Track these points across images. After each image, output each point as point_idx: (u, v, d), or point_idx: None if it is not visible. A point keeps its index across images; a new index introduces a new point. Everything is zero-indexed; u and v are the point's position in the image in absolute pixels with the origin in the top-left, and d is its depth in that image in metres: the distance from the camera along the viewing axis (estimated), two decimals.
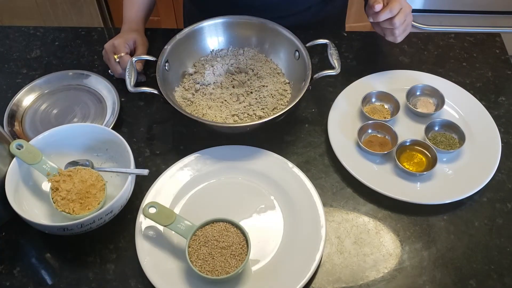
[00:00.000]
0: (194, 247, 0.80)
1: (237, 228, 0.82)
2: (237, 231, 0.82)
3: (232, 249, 0.80)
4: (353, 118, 1.02)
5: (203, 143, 0.97)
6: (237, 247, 0.80)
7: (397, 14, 0.97)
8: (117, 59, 1.04)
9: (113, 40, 1.06)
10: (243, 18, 1.08)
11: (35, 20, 2.12)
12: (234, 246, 0.80)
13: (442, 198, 0.90)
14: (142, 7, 1.16)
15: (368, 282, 0.82)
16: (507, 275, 0.82)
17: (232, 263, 0.79)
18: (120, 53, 1.04)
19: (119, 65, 1.05)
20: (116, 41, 1.05)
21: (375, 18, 0.99)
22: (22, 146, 0.86)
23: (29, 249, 0.86)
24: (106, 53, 1.06)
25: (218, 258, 0.79)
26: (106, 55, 1.07)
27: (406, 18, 0.99)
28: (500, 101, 1.08)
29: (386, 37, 1.04)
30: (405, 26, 1.01)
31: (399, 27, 0.99)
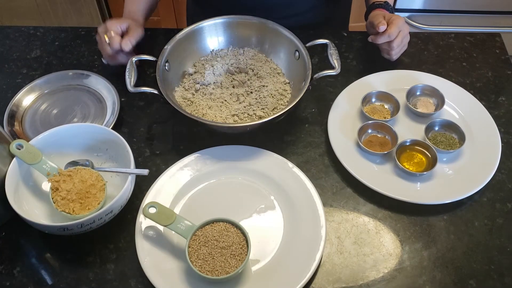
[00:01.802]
0: (194, 247, 0.80)
1: (237, 228, 0.82)
2: (237, 231, 0.82)
3: (232, 249, 0.80)
4: (353, 118, 1.02)
5: (203, 143, 0.97)
6: (237, 247, 0.80)
7: (395, 38, 1.02)
8: (107, 39, 1.01)
9: (106, 22, 1.04)
10: (243, 18, 1.08)
11: (35, 20, 2.12)
12: (234, 246, 0.80)
13: (442, 198, 0.90)
14: (143, 1, 1.14)
15: (368, 282, 0.82)
16: (507, 275, 0.82)
17: (232, 263, 0.79)
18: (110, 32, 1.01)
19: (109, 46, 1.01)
20: (108, 22, 1.03)
21: (375, 40, 1.04)
22: (22, 146, 0.86)
23: (29, 249, 0.86)
24: (98, 34, 1.04)
25: (218, 258, 0.79)
26: (98, 37, 1.04)
27: (403, 40, 1.04)
28: (500, 101, 1.08)
29: (382, 54, 1.09)
30: (401, 47, 1.07)
31: (395, 49, 1.05)
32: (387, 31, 1.01)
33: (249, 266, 0.83)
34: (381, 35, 1.01)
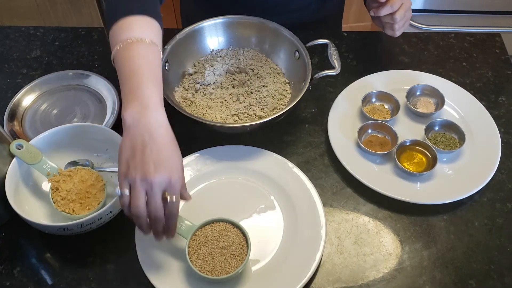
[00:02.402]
0: (194, 247, 0.80)
1: (237, 228, 0.82)
2: (237, 231, 0.82)
3: (232, 249, 0.80)
4: (353, 118, 1.02)
5: (203, 143, 0.97)
6: (237, 247, 0.80)
7: (398, 9, 0.99)
8: (169, 201, 0.71)
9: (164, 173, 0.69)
10: (243, 18, 1.08)
11: (35, 20, 2.11)
12: (234, 246, 0.80)
13: (442, 198, 0.90)
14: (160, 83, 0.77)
15: (368, 282, 0.82)
16: (507, 275, 0.82)
17: (232, 263, 0.79)
18: (174, 195, 0.71)
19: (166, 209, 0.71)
20: (174, 178, 0.70)
21: (376, 13, 1.00)
22: (22, 146, 0.86)
23: (29, 249, 0.86)
24: (150, 186, 0.68)
25: (218, 258, 0.79)
26: (146, 186, 0.68)
27: (406, 13, 1.01)
28: (500, 101, 1.08)
29: (385, 31, 1.05)
30: (404, 21, 1.02)
31: (399, 22, 1.01)
32: (389, 1, 0.98)
33: (249, 266, 0.83)
34: (383, 6, 0.98)
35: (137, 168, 0.68)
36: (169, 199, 0.70)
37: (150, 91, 0.71)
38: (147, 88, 0.71)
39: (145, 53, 0.75)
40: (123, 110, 0.70)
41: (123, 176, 0.69)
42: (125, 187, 0.69)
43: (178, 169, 0.71)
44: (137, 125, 0.69)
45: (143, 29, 0.77)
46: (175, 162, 0.71)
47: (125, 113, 0.69)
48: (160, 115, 0.71)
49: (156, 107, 0.71)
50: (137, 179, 0.68)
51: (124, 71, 0.74)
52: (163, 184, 0.69)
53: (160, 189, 0.68)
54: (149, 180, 0.67)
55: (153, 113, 0.70)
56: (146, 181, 0.67)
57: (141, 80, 0.72)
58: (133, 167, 0.68)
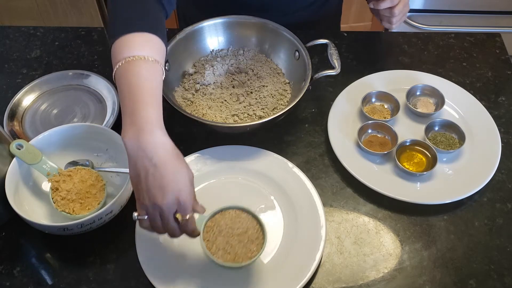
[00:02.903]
0: (210, 239, 0.77)
1: (247, 213, 0.80)
2: (248, 216, 0.80)
3: (249, 234, 0.78)
4: (353, 118, 1.02)
5: (203, 143, 0.97)
6: (253, 232, 0.78)
7: (397, 3, 1.01)
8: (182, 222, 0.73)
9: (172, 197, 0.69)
10: (243, 18, 1.08)
11: (35, 20, 2.11)
12: (250, 231, 0.78)
13: (442, 198, 0.90)
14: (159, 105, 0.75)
15: (368, 282, 0.82)
16: (507, 275, 0.82)
17: (252, 248, 0.77)
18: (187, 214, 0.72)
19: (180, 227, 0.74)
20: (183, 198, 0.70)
21: (376, 5, 1.01)
22: (22, 146, 0.86)
23: (29, 249, 0.86)
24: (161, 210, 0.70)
25: (237, 245, 0.77)
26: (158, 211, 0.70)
27: (404, 8, 1.03)
28: (500, 101, 1.08)
29: (382, 23, 1.07)
30: (402, 15, 1.04)
31: (397, 16, 1.03)
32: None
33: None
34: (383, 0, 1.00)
35: (145, 196, 0.70)
36: (180, 219, 0.72)
37: (146, 113, 0.70)
38: (144, 110, 0.70)
39: (145, 72, 0.74)
40: (122, 135, 0.70)
41: (140, 205, 0.72)
42: (141, 211, 0.72)
43: (186, 185, 0.71)
44: (136, 150, 0.69)
45: (144, 47, 0.76)
46: (181, 180, 0.70)
47: (124, 139, 0.69)
48: (158, 136, 0.70)
49: (152, 129, 0.69)
50: (148, 205, 0.70)
51: (123, 91, 0.74)
52: (173, 207, 0.70)
53: (170, 212, 0.70)
54: (158, 205, 0.69)
55: (148, 137, 0.69)
56: (156, 206, 0.69)
57: (138, 101, 0.71)
58: (142, 194, 0.70)
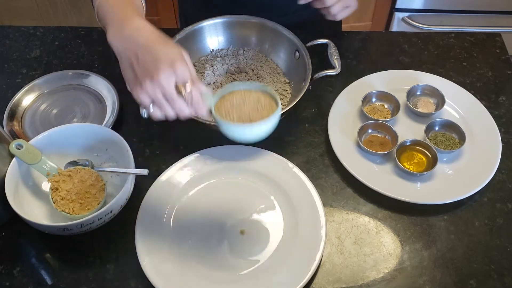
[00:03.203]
0: (223, 115, 0.74)
1: (257, 90, 0.79)
2: (257, 91, 0.79)
3: (262, 103, 0.76)
4: (353, 118, 1.02)
5: (203, 143, 0.97)
6: (265, 101, 0.77)
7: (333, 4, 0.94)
8: (184, 93, 0.71)
9: (167, 68, 0.67)
10: (243, 18, 1.07)
11: (35, 20, 2.11)
12: (262, 100, 0.77)
13: (442, 198, 0.90)
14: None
15: (368, 282, 0.82)
16: (507, 275, 0.82)
17: (266, 114, 0.75)
18: (186, 81, 0.71)
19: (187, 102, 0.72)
20: (178, 66, 0.68)
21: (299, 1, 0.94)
22: (21, 146, 0.86)
23: (29, 249, 0.86)
24: (160, 86, 0.68)
25: (251, 112, 0.75)
26: (159, 89, 0.69)
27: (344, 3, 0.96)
28: (500, 101, 1.07)
29: (327, 17, 1.00)
30: (342, 3, 0.96)
31: (334, 6, 0.95)
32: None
33: (249, 266, 0.82)
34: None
35: (143, 78, 0.68)
36: (183, 90, 0.69)
37: (123, 10, 0.73)
38: (121, 12, 0.73)
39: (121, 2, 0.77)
40: (107, 39, 0.71)
41: (140, 95, 0.69)
42: (147, 103, 0.70)
43: (179, 55, 0.69)
44: (122, 43, 0.69)
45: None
46: (172, 51, 0.69)
47: (108, 38, 0.71)
48: (139, 21, 0.71)
49: (130, 19, 0.71)
50: (148, 87, 0.67)
51: (102, 12, 0.77)
52: (171, 77, 0.67)
53: (170, 85, 0.68)
54: (156, 80, 0.67)
55: (129, 25, 0.70)
56: (154, 83, 0.67)
57: (116, 9, 0.75)
58: (139, 80, 0.68)
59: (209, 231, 0.86)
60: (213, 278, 0.81)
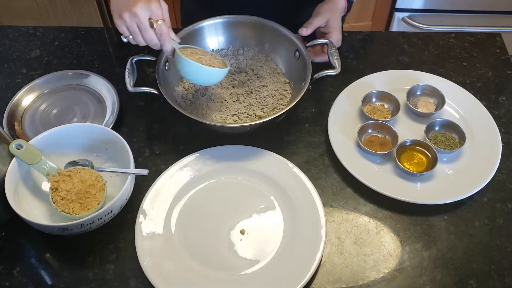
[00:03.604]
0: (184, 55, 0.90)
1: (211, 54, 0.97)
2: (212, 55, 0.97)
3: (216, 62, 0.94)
4: (353, 118, 1.02)
5: (203, 143, 0.97)
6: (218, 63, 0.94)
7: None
8: (156, 26, 0.85)
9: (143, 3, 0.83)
10: (243, 18, 1.07)
11: (35, 20, 2.11)
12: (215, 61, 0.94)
13: (442, 198, 0.90)
14: None
15: (368, 282, 0.82)
16: (508, 275, 0.82)
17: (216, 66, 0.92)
18: (158, 19, 0.85)
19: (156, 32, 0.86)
20: (153, 5, 0.84)
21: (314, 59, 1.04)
22: (21, 146, 0.86)
23: (29, 249, 0.86)
24: (136, 17, 0.83)
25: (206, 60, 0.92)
26: (134, 19, 0.83)
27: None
28: (500, 101, 1.07)
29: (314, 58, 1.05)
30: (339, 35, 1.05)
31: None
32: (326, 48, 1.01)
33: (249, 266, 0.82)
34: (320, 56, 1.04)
35: (124, 10, 0.83)
36: (155, 24, 0.85)
37: None
38: None
39: None
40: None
41: (120, 24, 0.85)
42: (124, 31, 0.86)
43: (155, 2, 0.84)
44: None
45: None
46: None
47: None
48: None
49: None
50: (126, 17, 0.83)
51: None
52: (146, 12, 0.83)
53: (144, 17, 0.83)
54: (133, 11, 0.82)
55: None
56: (131, 14, 0.82)
57: None
58: (121, 12, 0.83)
59: (209, 231, 0.86)
60: (213, 278, 0.81)
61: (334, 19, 1.02)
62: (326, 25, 1.02)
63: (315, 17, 1.02)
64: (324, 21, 1.02)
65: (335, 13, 1.03)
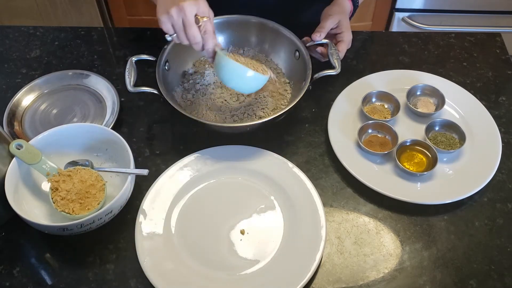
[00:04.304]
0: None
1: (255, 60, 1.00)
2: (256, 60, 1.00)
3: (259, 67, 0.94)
4: (353, 118, 1.02)
5: (203, 143, 0.97)
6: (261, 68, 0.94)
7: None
8: (201, 23, 0.85)
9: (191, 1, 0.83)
10: (243, 18, 1.07)
11: (35, 20, 2.11)
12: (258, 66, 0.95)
13: (442, 198, 0.90)
14: None
15: (368, 282, 0.82)
16: (508, 275, 0.82)
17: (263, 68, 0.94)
18: (204, 17, 0.85)
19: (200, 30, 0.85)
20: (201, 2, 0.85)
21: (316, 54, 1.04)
22: (21, 146, 0.86)
23: (29, 249, 0.86)
24: (183, 11, 0.83)
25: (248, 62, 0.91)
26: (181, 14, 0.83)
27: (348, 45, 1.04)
28: (500, 101, 1.07)
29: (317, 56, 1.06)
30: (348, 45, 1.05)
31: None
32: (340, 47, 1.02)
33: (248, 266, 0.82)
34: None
35: (171, 6, 0.83)
36: (201, 21, 0.85)
37: None
38: None
39: None
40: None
41: (164, 20, 0.85)
42: (169, 28, 0.86)
43: (204, 2, 0.86)
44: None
45: None
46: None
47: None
48: None
49: None
50: (173, 13, 0.83)
51: None
52: (193, 8, 0.83)
53: (191, 13, 0.83)
54: (181, 5, 0.82)
55: None
56: (178, 8, 0.82)
57: None
58: (168, 8, 0.83)
59: (209, 231, 0.86)
60: (213, 278, 0.81)
61: (344, 20, 1.03)
62: (337, 26, 1.02)
63: (326, 20, 1.01)
64: (336, 23, 1.01)
65: (344, 14, 1.03)
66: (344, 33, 1.02)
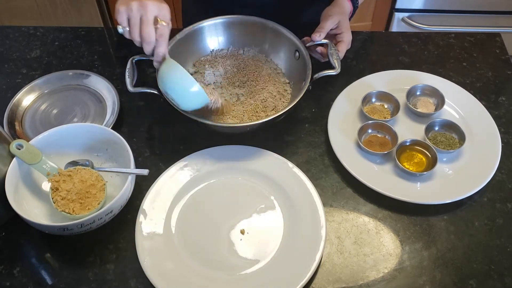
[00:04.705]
0: None
1: None
2: None
3: None
4: (353, 118, 1.02)
5: (203, 143, 0.97)
6: None
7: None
8: (159, 25, 0.84)
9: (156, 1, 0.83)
10: (243, 18, 1.07)
11: (35, 20, 2.11)
12: None
13: (442, 198, 0.90)
14: None
15: (368, 282, 0.82)
16: (508, 275, 0.82)
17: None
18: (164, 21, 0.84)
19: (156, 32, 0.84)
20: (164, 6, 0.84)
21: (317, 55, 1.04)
22: (22, 146, 0.86)
23: (29, 249, 0.86)
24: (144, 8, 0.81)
25: None
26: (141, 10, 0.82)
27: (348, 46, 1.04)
28: (500, 101, 1.07)
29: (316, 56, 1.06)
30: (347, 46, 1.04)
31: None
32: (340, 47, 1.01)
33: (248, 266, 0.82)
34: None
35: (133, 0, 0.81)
36: (158, 24, 0.83)
37: None
38: None
39: None
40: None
41: (122, 10, 0.82)
42: (124, 19, 0.83)
43: (167, 6, 0.84)
44: None
45: None
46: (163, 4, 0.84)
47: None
48: None
49: None
50: (133, 7, 0.81)
51: None
52: (156, 9, 0.82)
53: (152, 12, 0.81)
54: (144, 2, 0.80)
55: None
56: (140, 4, 0.80)
57: None
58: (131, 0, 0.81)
59: (209, 231, 0.87)
60: (213, 278, 0.81)
61: (344, 20, 1.03)
62: (337, 26, 1.02)
63: (325, 20, 1.01)
64: (336, 23, 1.01)
65: (344, 15, 1.03)
66: (344, 34, 1.02)
